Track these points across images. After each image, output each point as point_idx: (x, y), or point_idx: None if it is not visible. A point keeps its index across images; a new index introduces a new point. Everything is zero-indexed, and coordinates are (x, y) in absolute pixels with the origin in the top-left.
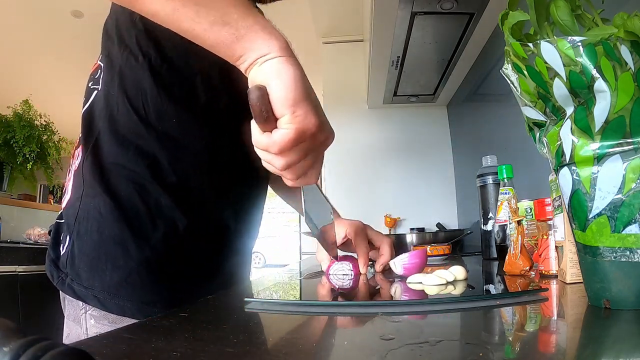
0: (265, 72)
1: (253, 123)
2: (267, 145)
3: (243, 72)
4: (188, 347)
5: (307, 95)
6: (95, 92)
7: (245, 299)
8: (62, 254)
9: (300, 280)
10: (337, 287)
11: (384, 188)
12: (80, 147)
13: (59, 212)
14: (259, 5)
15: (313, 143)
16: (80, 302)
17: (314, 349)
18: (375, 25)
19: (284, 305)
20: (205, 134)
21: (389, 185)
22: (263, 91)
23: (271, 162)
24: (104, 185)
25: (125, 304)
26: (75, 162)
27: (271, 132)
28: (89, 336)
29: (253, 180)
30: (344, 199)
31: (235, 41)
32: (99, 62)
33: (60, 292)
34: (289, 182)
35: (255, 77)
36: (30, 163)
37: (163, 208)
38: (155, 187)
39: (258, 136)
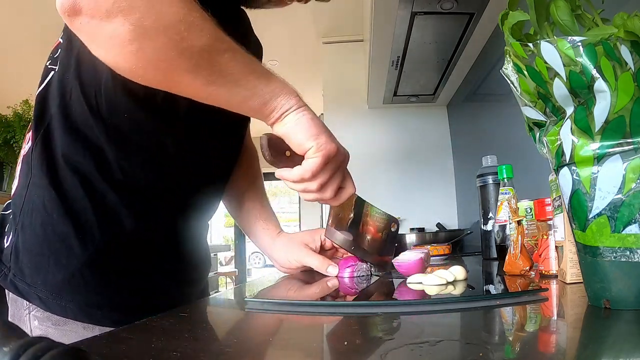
0: (286, 123)
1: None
2: (301, 174)
3: (269, 125)
4: (188, 347)
5: (324, 129)
6: (52, 72)
7: (245, 299)
8: (5, 246)
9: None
10: (352, 287)
11: (384, 188)
12: (31, 131)
13: (5, 203)
14: (245, 9)
15: (335, 163)
16: (25, 302)
17: (314, 349)
18: (375, 25)
19: (284, 305)
20: (159, 135)
21: (389, 185)
22: (266, 140)
23: (307, 188)
24: (51, 177)
25: (68, 305)
26: (25, 147)
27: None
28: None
29: (207, 187)
30: None
31: (264, 106)
32: (60, 40)
33: (6, 290)
34: (332, 202)
35: (278, 130)
36: None
37: (109, 205)
38: (101, 183)
39: (288, 173)
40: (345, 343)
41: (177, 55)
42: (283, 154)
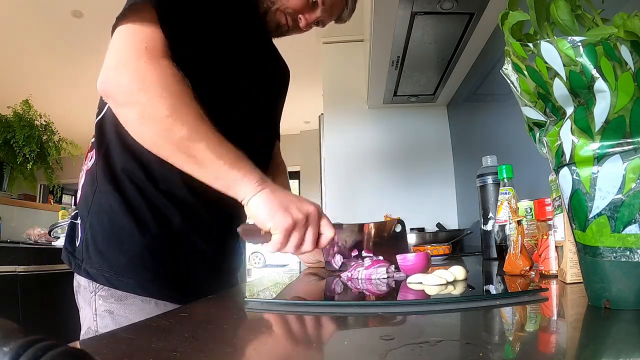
0: (250, 208)
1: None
2: (274, 247)
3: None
4: (188, 347)
5: (277, 207)
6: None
7: (245, 299)
8: (77, 245)
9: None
10: (353, 287)
11: (384, 188)
12: (94, 151)
13: (73, 212)
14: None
15: (300, 228)
16: (92, 286)
17: (314, 348)
18: (375, 25)
19: (284, 305)
20: None
21: (389, 185)
22: (241, 232)
23: (287, 252)
24: (114, 185)
25: (129, 282)
26: (88, 164)
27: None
28: (97, 315)
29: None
30: (343, 199)
31: (227, 189)
32: None
33: (74, 285)
34: (315, 249)
35: (247, 212)
36: (30, 163)
37: (159, 206)
38: (151, 190)
39: (266, 247)
40: (345, 343)
41: (163, 140)
42: (259, 233)
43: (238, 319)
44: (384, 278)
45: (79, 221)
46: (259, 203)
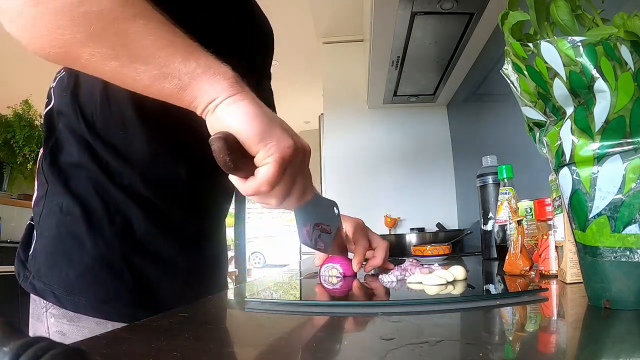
0: (221, 118)
1: (231, 176)
2: (257, 188)
3: (200, 115)
4: (188, 347)
5: (269, 123)
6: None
7: (245, 299)
8: (30, 253)
9: (300, 280)
10: (351, 287)
11: (384, 188)
12: (42, 147)
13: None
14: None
15: (295, 165)
16: (42, 301)
17: (314, 349)
18: (375, 25)
19: (284, 305)
20: (153, 150)
21: (389, 185)
22: (222, 141)
23: (267, 201)
24: (65, 184)
25: (80, 301)
26: (39, 162)
27: (250, 176)
28: (50, 335)
29: (215, 190)
30: (343, 199)
31: (180, 91)
32: None
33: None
34: (291, 208)
35: (212, 126)
36: (30, 163)
37: (120, 206)
38: (111, 187)
39: (242, 186)
40: (345, 343)
41: (71, 22)
42: (244, 154)
43: (238, 319)
44: (390, 281)
45: (33, 225)
46: (236, 112)
